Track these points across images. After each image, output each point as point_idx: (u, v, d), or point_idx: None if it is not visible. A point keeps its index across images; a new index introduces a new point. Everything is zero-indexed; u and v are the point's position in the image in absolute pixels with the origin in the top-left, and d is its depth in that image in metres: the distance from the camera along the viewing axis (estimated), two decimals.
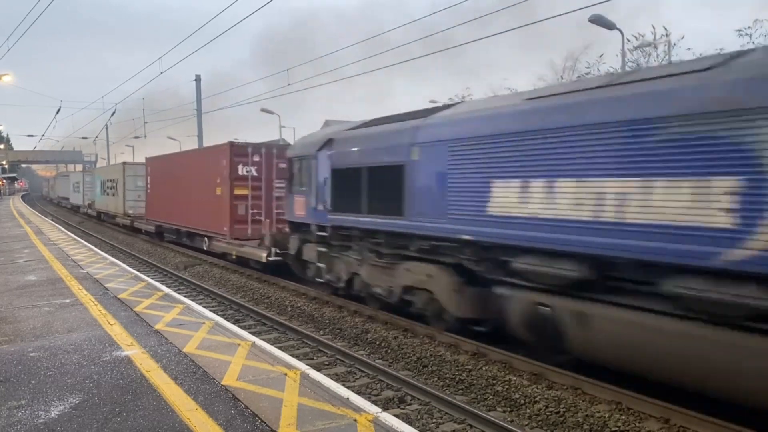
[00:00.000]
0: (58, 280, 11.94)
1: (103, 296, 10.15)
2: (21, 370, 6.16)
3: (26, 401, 5.28)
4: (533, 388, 7.36)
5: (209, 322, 8.26)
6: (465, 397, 7.45)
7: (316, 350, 9.59)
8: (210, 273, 17.40)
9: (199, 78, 31.64)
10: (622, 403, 6.74)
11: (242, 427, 4.68)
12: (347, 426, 4.73)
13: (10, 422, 4.80)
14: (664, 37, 21.93)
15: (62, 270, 13.27)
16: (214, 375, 5.89)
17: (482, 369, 8.11)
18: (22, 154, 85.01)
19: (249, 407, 5.05)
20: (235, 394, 5.37)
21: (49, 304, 9.54)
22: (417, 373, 8.43)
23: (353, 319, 11.20)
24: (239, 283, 15.52)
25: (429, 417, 6.82)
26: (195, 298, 13.29)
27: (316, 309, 12.14)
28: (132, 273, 13.07)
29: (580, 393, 7.16)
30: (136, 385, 5.64)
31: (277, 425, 4.69)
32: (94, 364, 6.33)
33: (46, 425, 4.76)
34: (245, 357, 6.52)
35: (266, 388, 5.51)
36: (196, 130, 31.57)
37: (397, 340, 9.67)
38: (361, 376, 8.29)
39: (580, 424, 6.49)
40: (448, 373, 8.22)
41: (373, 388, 7.75)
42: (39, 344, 7.14)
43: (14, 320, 8.43)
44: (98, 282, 11.61)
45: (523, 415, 6.86)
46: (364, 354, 9.30)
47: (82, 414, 4.97)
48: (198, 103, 31.75)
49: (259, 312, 12.18)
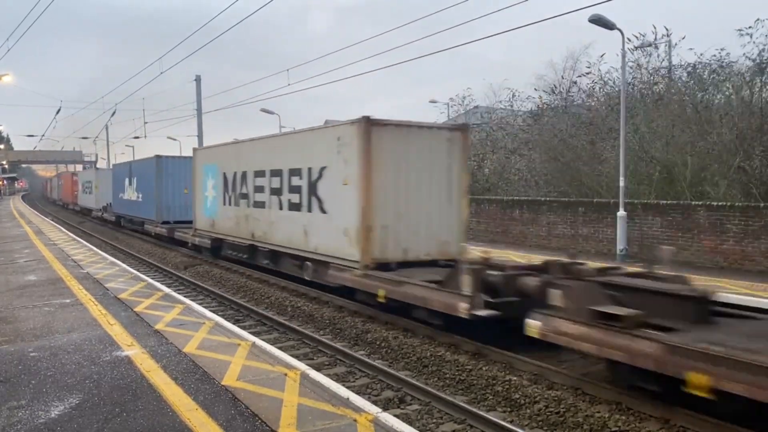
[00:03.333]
0: (58, 280, 11.94)
1: (103, 296, 10.15)
2: (21, 370, 6.16)
3: (26, 401, 5.28)
4: (533, 388, 7.36)
5: (209, 322, 8.26)
6: (465, 397, 7.45)
7: (316, 350, 9.59)
8: (210, 273, 17.40)
9: (199, 78, 31.67)
10: (622, 404, 6.74)
11: (242, 427, 4.68)
12: (347, 426, 4.73)
13: (10, 422, 4.80)
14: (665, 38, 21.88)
15: (62, 270, 13.28)
16: (214, 375, 5.89)
17: (482, 369, 8.11)
18: (22, 154, 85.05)
19: (249, 407, 5.05)
20: (235, 394, 5.37)
21: (49, 304, 9.55)
22: (417, 373, 8.43)
23: (353, 319, 11.20)
24: (239, 283, 15.52)
25: (429, 417, 6.82)
26: (195, 298, 13.28)
27: (316, 309, 12.14)
28: (132, 273, 13.07)
29: (580, 393, 7.16)
30: (136, 385, 5.64)
31: (277, 425, 4.69)
32: (94, 364, 6.33)
33: (46, 425, 4.76)
34: (245, 357, 6.52)
35: (266, 388, 5.51)
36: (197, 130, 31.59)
37: (397, 340, 9.67)
38: (361, 376, 8.29)
39: (580, 424, 6.48)
40: (448, 373, 8.22)
41: (373, 388, 7.75)
42: (39, 344, 7.14)
43: (14, 320, 8.44)
44: (98, 282, 11.61)
45: (523, 416, 6.86)
46: (364, 354, 9.30)
47: (82, 414, 4.97)
48: (198, 103, 31.77)
49: (259, 312, 12.18)
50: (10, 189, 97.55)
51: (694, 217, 14.99)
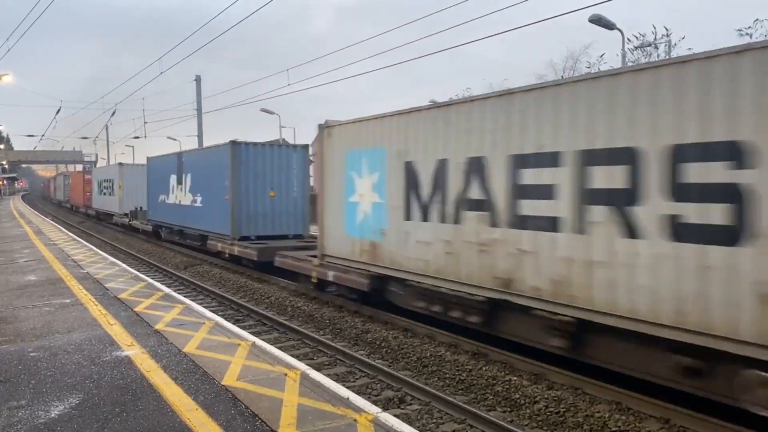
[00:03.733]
0: (58, 280, 11.94)
1: (103, 296, 10.15)
2: (21, 370, 6.16)
3: (26, 401, 5.28)
4: (533, 388, 7.36)
5: (209, 322, 8.26)
6: (465, 397, 7.45)
7: (316, 350, 9.59)
8: (210, 273, 17.40)
9: (199, 78, 31.66)
10: (622, 403, 6.74)
11: (242, 427, 4.68)
12: (347, 426, 4.72)
13: (10, 422, 4.80)
14: (665, 38, 21.93)
15: (62, 270, 13.28)
16: (214, 375, 5.89)
17: (482, 369, 8.11)
18: (22, 154, 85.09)
19: (249, 407, 5.05)
20: (235, 394, 5.37)
21: (49, 304, 9.55)
22: (417, 373, 8.43)
23: (353, 319, 11.20)
24: (239, 283, 15.52)
25: (429, 417, 6.82)
26: (195, 298, 13.29)
27: (316, 309, 12.14)
28: (132, 273, 13.07)
29: (580, 393, 7.16)
30: (136, 385, 5.63)
31: (277, 425, 4.69)
32: (95, 364, 6.33)
33: (46, 425, 4.76)
34: (245, 357, 6.52)
35: (266, 388, 5.51)
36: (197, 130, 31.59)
37: (397, 340, 9.67)
38: (361, 376, 8.29)
39: (580, 424, 6.49)
40: (448, 373, 8.22)
41: (373, 388, 7.75)
42: (39, 344, 7.14)
43: (14, 320, 8.43)
44: (98, 282, 11.61)
45: (523, 415, 6.86)
46: (364, 354, 9.30)
47: (82, 414, 4.97)
48: (198, 103, 31.77)
49: (259, 312, 12.18)
50: (10, 189, 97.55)
51: None
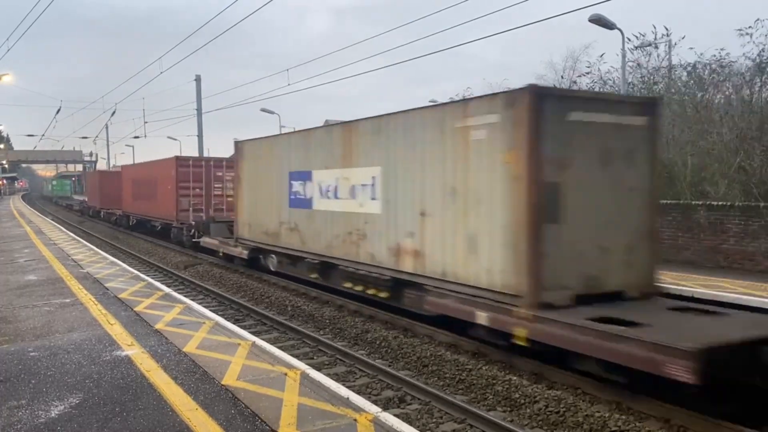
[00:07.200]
0: (58, 279, 11.93)
1: (103, 296, 10.14)
2: (21, 369, 6.16)
3: (26, 401, 5.28)
4: (533, 388, 7.36)
5: (209, 321, 8.26)
6: (465, 397, 7.45)
7: (316, 350, 9.59)
8: (210, 273, 17.40)
9: (199, 78, 31.66)
10: (622, 403, 6.74)
11: (242, 426, 4.68)
12: (347, 426, 4.72)
13: (10, 422, 4.80)
14: (665, 37, 21.87)
15: (62, 270, 13.27)
16: (214, 375, 5.89)
17: (482, 369, 8.11)
18: (22, 154, 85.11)
19: (249, 407, 5.05)
20: (235, 393, 5.37)
21: (49, 303, 9.54)
22: (417, 372, 8.43)
23: (353, 318, 11.20)
24: (239, 282, 15.52)
25: (429, 417, 6.82)
26: (195, 297, 13.28)
27: (316, 309, 12.15)
28: (132, 272, 13.06)
29: (580, 393, 7.16)
30: (137, 385, 5.63)
31: (277, 425, 4.68)
32: (95, 363, 6.33)
33: (46, 425, 4.76)
34: (245, 357, 6.52)
35: (266, 388, 5.51)
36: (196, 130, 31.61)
37: (397, 340, 9.67)
38: (361, 375, 8.29)
39: (580, 424, 6.49)
40: (448, 372, 8.22)
41: (373, 388, 7.75)
42: (39, 344, 7.14)
43: (14, 320, 8.43)
44: (98, 282, 11.60)
45: (523, 415, 6.86)
46: (364, 354, 9.30)
47: (82, 414, 4.97)
48: (198, 103, 31.78)
49: (259, 312, 12.18)
50: (10, 189, 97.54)
51: (694, 216, 15.00)
